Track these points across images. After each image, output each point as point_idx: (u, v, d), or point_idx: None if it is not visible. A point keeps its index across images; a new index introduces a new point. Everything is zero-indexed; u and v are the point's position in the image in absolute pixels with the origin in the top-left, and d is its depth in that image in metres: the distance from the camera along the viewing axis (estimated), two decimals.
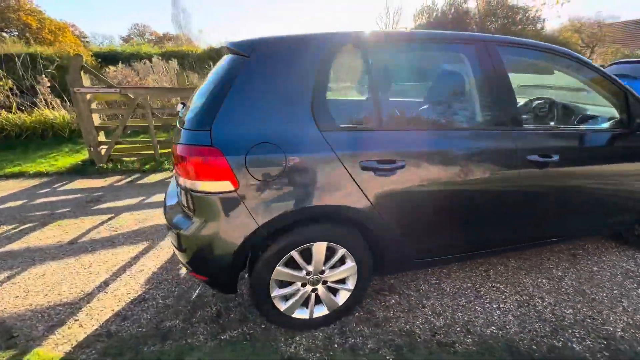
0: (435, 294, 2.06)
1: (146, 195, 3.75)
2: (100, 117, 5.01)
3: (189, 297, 2.06)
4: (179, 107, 2.07)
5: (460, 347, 1.67)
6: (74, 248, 2.65)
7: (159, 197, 3.69)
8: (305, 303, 1.73)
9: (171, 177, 4.41)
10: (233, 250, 1.48)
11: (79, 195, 3.81)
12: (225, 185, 1.41)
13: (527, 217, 1.95)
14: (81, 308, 1.98)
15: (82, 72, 4.41)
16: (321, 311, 1.76)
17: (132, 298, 2.06)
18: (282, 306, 1.68)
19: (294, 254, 1.57)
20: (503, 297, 2.03)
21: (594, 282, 2.16)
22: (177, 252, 1.68)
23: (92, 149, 4.69)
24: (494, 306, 1.95)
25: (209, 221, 1.47)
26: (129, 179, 4.37)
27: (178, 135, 1.62)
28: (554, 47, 1.92)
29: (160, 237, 2.80)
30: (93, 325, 1.84)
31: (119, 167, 4.67)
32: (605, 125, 2.07)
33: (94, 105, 4.71)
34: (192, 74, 10.38)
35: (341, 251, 1.65)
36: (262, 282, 1.58)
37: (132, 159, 4.92)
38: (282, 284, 1.66)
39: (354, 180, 1.51)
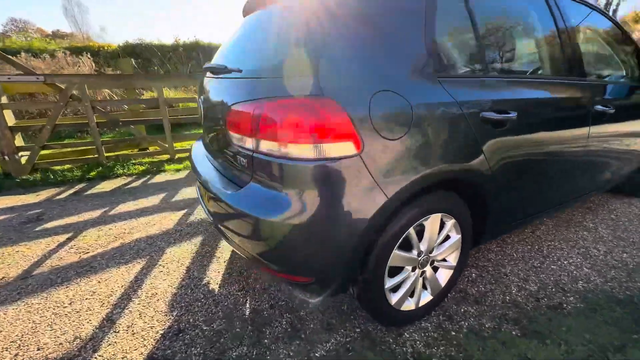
0: (507, 260, 1.97)
1: (109, 206, 2.94)
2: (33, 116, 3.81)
3: (242, 315, 1.59)
4: (206, 65, 1.62)
5: (569, 307, 1.59)
6: (33, 283, 1.88)
7: (127, 207, 2.93)
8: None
9: (131, 182, 3.60)
10: (356, 236, 1.12)
11: (4, 217, 2.80)
12: (345, 148, 1.06)
13: (592, 168, 2.01)
14: None
15: None
16: (425, 298, 1.50)
17: (161, 332, 1.50)
18: (392, 299, 1.37)
19: (411, 231, 1.29)
20: (565, 253, 2.04)
21: (621, 228, 2.33)
22: (250, 248, 1.25)
23: (6, 157, 3.55)
24: (565, 262, 1.94)
25: (316, 199, 1.08)
26: (72, 190, 3.41)
27: (235, 92, 1.23)
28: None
29: (159, 251, 2.17)
30: None
31: (51, 177, 3.61)
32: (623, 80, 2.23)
33: (4, 99, 3.56)
34: (112, 71, 8.98)
35: (450, 223, 1.42)
36: (378, 272, 1.25)
37: (68, 166, 3.88)
38: (392, 273, 1.36)
39: (475, 134, 1.29)
